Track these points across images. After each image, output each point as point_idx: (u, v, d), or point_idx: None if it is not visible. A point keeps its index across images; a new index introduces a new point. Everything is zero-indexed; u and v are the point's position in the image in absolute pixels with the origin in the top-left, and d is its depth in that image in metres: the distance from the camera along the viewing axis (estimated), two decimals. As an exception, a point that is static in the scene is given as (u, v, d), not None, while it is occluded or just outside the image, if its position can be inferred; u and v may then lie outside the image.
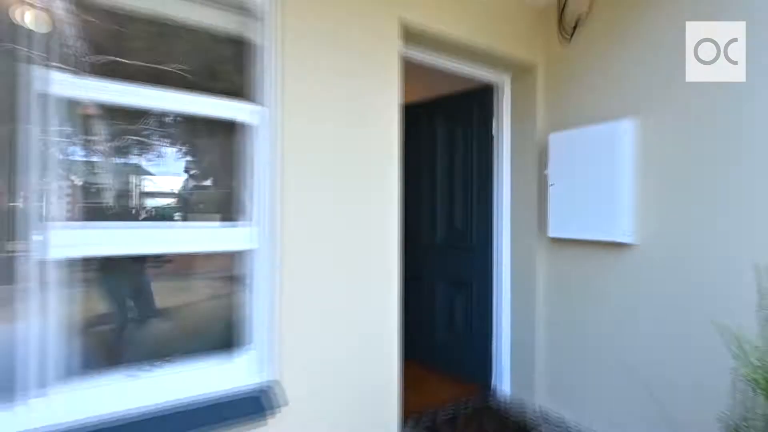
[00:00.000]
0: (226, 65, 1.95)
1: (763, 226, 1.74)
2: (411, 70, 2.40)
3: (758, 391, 1.45)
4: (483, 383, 2.94)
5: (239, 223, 1.82)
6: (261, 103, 1.82)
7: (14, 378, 1.36)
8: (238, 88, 1.84)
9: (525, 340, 2.79)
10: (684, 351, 1.96)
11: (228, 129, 1.83)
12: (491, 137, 2.94)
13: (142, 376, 1.58)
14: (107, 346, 1.76)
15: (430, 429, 2.33)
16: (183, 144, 1.98)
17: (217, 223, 1.88)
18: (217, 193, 2.08)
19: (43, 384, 1.39)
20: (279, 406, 1.73)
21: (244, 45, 1.85)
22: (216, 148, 2.00)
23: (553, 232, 2.55)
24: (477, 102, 3.00)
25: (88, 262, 1.55)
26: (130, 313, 1.92)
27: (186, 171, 2.02)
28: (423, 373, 3.12)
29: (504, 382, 2.89)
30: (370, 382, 2.06)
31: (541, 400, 2.68)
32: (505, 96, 2.90)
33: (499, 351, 2.93)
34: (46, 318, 1.39)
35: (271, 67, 1.81)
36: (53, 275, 1.40)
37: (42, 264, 1.38)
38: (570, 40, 2.56)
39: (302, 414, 1.83)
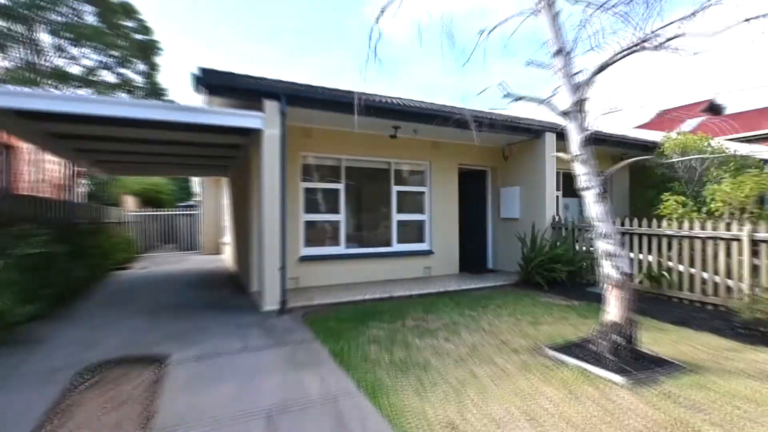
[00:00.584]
0: (418, 177, 8.44)
1: (535, 211, 7.96)
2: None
3: (524, 246, 7.64)
4: (484, 265, 9.26)
5: (422, 214, 8.31)
6: (429, 186, 8.31)
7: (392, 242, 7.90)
8: (424, 183, 8.33)
9: (495, 250, 9.11)
10: (513, 243, 8.14)
11: (420, 194, 8.31)
12: (484, 187, 9.27)
13: (408, 246, 8.10)
14: (405, 237, 8.28)
15: (469, 270, 8.62)
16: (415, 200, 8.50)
17: (420, 214, 8.37)
18: (419, 205, 8.56)
19: (397, 242, 7.94)
20: (433, 253, 8.22)
21: (423, 172, 8.34)
22: (416, 197, 8.50)
23: (502, 216, 8.87)
24: (479, 175, 9.33)
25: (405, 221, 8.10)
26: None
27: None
28: (462, 266, 9.43)
29: (489, 264, 9.22)
30: (451, 254, 8.47)
31: (498, 267, 8.97)
32: (488, 174, 9.24)
33: (487, 255, 9.24)
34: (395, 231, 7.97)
35: (429, 179, 8.28)
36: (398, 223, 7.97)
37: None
38: (506, 160, 8.86)
39: (437, 256, 8.29)
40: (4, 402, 2.99)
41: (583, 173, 3.75)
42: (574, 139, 3.76)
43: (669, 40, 3.34)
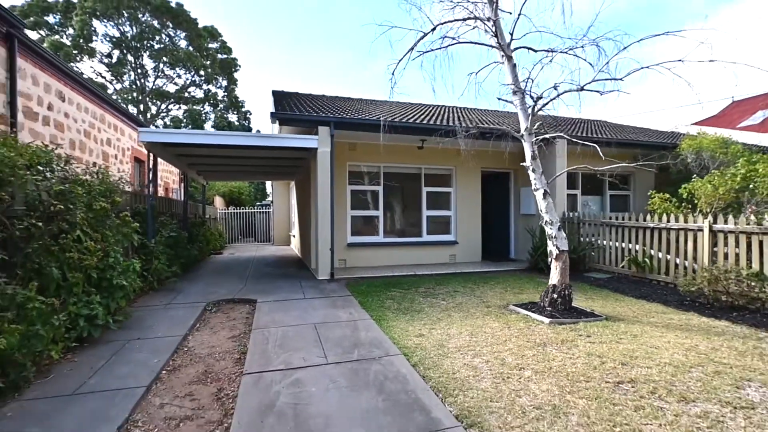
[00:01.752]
0: (445, 179, 10.05)
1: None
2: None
3: (534, 238, 8.87)
4: (507, 255, 10.57)
5: (449, 210, 9.90)
6: (454, 187, 9.88)
7: (418, 232, 9.63)
8: (450, 184, 9.93)
9: (517, 242, 10.38)
10: (524, 235, 9.35)
11: (447, 194, 9.92)
12: (508, 187, 10.57)
13: (435, 237, 9.76)
14: (438, 229, 9.99)
15: (491, 259, 10.02)
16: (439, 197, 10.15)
17: (446, 210, 9.98)
18: (446, 203, 10.18)
19: (426, 233, 9.65)
20: (457, 243, 9.79)
21: (449, 175, 9.94)
22: (443, 196, 10.13)
23: (522, 212, 10.12)
24: (504, 176, 10.64)
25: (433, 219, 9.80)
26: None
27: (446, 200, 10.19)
28: (486, 256, 10.81)
29: (511, 254, 10.51)
30: (474, 244, 9.96)
31: (518, 256, 10.23)
32: (511, 175, 10.53)
33: (510, 246, 10.54)
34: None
35: (454, 181, 9.85)
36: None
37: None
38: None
39: (461, 245, 9.84)
40: (175, 315, 5.30)
41: (533, 178, 5.21)
42: (528, 154, 5.23)
43: (587, 83, 4.70)
